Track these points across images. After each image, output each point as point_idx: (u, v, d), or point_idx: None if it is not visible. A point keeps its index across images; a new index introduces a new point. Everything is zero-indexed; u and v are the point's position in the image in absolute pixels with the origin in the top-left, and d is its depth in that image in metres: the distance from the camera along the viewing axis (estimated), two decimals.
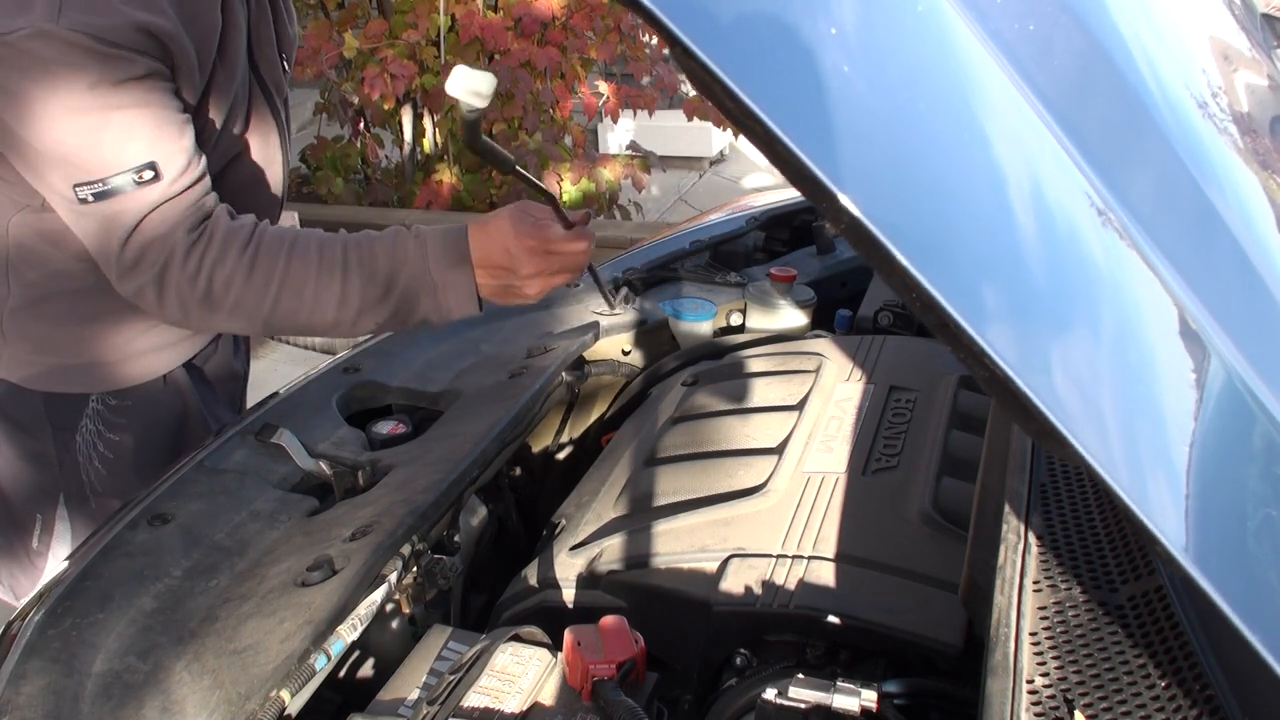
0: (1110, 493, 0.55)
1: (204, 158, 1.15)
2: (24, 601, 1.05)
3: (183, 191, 1.10)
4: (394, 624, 1.13)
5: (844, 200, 0.49)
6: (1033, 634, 0.77)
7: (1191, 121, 0.81)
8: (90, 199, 1.07)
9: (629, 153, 5.43)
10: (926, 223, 0.54)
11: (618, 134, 6.36)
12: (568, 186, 4.95)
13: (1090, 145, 0.61)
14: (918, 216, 0.53)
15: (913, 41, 0.57)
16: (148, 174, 1.07)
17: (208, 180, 1.15)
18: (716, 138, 6.76)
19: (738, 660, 1.01)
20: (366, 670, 1.12)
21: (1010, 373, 0.52)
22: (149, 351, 1.34)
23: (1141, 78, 0.75)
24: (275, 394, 1.42)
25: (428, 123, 5.04)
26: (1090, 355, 0.59)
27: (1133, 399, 0.60)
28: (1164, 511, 0.56)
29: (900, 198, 0.53)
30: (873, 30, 0.56)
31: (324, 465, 1.27)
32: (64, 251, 1.21)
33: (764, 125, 0.48)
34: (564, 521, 1.26)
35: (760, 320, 1.77)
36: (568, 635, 0.95)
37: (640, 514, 1.21)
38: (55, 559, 1.36)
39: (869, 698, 0.87)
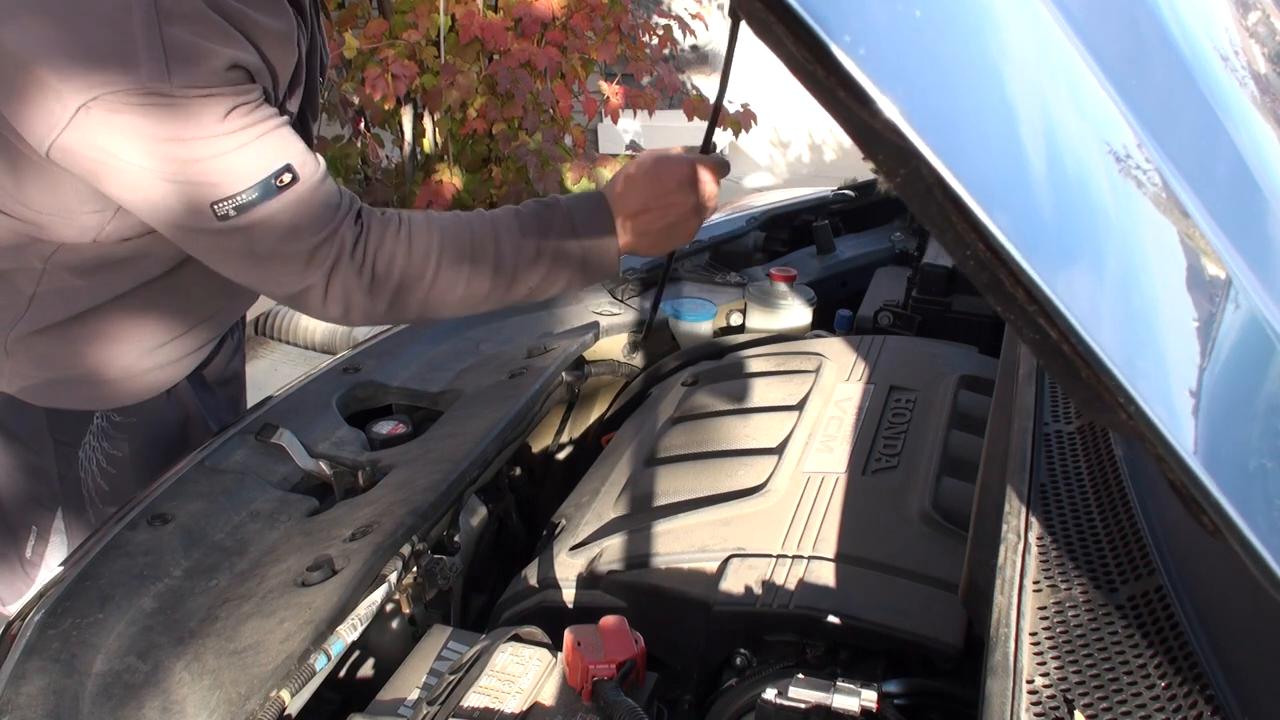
0: (1197, 490, 0.53)
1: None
2: (19, 606, 1.05)
3: (328, 187, 1.06)
4: (394, 624, 1.13)
5: (909, 135, 0.47)
6: (1033, 634, 0.76)
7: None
8: (231, 214, 1.00)
9: (629, 153, 5.42)
10: (994, 166, 0.52)
11: (618, 134, 6.36)
12: (568, 186, 4.94)
13: (1163, 132, 0.61)
14: (987, 162, 0.52)
15: None
16: (286, 176, 1.02)
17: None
18: (717, 138, 6.77)
19: (738, 660, 1.01)
20: (366, 670, 1.12)
21: (1077, 325, 0.50)
22: (154, 369, 1.32)
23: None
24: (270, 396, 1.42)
25: (428, 123, 5.04)
26: (1169, 323, 0.58)
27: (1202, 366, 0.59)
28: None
29: (971, 139, 0.52)
30: None
31: (324, 465, 1.28)
32: (97, 283, 1.18)
33: (839, 69, 0.46)
34: (564, 521, 1.26)
35: (760, 320, 1.77)
36: (568, 635, 0.95)
37: (640, 514, 1.21)
38: (49, 569, 1.35)
39: (869, 698, 0.87)
